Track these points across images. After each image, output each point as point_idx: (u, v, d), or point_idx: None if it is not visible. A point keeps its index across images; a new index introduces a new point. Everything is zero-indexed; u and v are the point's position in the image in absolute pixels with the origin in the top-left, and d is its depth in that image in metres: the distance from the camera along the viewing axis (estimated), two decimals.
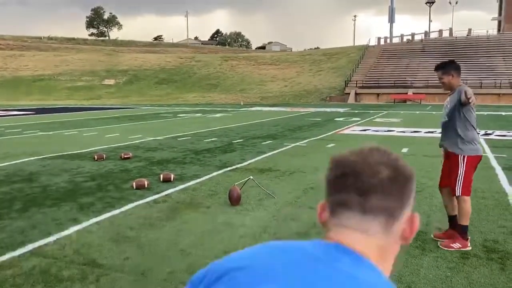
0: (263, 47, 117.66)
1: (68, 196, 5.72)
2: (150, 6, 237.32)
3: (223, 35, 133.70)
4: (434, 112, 23.51)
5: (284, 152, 9.66)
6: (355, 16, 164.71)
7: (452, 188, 3.92)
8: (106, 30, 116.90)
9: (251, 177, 5.95)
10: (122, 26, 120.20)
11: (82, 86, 54.40)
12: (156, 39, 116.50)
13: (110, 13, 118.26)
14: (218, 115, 22.85)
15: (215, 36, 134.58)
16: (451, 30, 59.14)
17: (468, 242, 3.84)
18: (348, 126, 16.04)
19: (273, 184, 6.36)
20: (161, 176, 6.67)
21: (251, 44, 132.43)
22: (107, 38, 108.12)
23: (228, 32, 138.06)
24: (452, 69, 3.94)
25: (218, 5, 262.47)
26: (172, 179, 6.59)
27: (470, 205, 3.93)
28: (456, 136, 3.90)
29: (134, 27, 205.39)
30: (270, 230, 4.33)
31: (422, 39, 56.72)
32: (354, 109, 29.25)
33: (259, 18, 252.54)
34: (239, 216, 4.80)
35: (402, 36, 60.06)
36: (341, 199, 0.77)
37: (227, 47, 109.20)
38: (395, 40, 61.26)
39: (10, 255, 3.72)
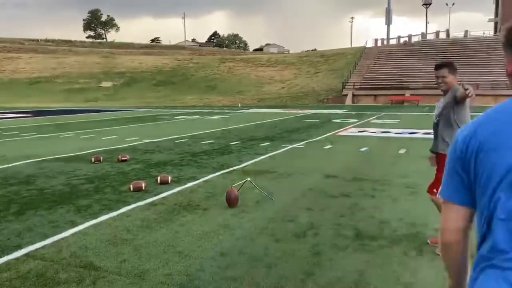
0: (260, 49, 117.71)
1: (65, 199, 5.70)
2: (148, 8, 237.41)
3: (221, 37, 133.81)
4: (431, 114, 23.45)
5: (281, 154, 9.67)
6: (352, 18, 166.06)
7: (436, 188, 3.75)
8: (103, 32, 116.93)
9: (249, 179, 5.94)
10: (119, 28, 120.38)
11: (79, 89, 54.35)
12: (153, 41, 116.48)
13: (108, 15, 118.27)
14: (215, 117, 22.84)
15: (213, 38, 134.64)
16: (448, 31, 59.38)
17: None
18: (345, 128, 16.06)
19: (270, 186, 6.35)
20: (158, 178, 6.66)
21: (248, 46, 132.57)
22: (104, 40, 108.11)
23: (225, 34, 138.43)
24: (455, 69, 3.85)
25: (215, 7, 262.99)
26: (169, 181, 6.58)
27: None
28: (447, 136, 3.73)
29: (131, 29, 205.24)
30: (268, 232, 4.33)
31: (419, 41, 56.89)
32: (352, 110, 29.29)
33: (256, 20, 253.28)
34: (237, 218, 4.80)
35: (399, 37, 60.27)
36: None
37: (225, 49, 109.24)
38: (392, 41, 61.41)
39: (6, 258, 3.71)
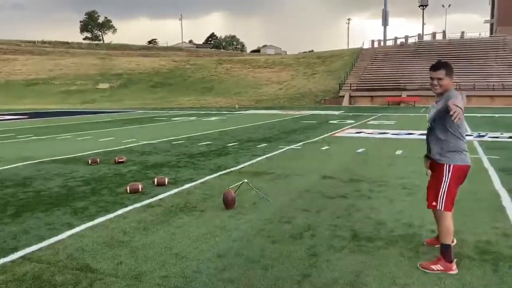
0: (257, 50, 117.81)
1: (61, 201, 5.69)
2: (144, 10, 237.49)
3: (218, 38, 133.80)
4: (427, 115, 23.58)
5: (278, 155, 9.67)
6: (349, 19, 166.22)
7: (434, 200, 3.52)
8: (100, 34, 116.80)
9: (246, 180, 5.95)
10: (116, 30, 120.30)
11: (76, 90, 54.25)
12: (150, 42, 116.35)
13: (105, 17, 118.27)
14: (212, 119, 22.84)
15: (210, 39, 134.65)
16: (444, 32, 59.62)
17: (453, 264, 3.40)
18: (342, 129, 16.09)
19: (267, 187, 6.36)
20: (155, 180, 6.66)
21: (245, 48, 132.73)
22: (101, 42, 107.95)
23: (222, 35, 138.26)
24: (451, 70, 3.52)
25: (212, 8, 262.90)
26: (166, 183, 6.58)
27: (451, 222, 3.49)
28: (441, 144, 3.52)
29: (128, 31, 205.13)
30: (264, 233, 4.33)
31: (415, 42, 57.05)
32: (349, 111, 29.35)
33: (253, 22, 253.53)
34: (234, 220, 4.80)
35: (396, 39, 60.41)
36: None
37: (222, 50, 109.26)
38: (389, 43, 61.59)
39: (2, 260, 3.69)
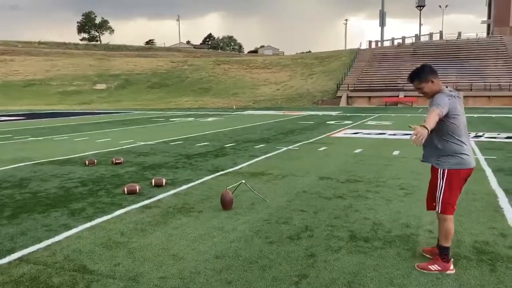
0: (255, 51, 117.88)
1: (59, 202, 5.68)
2: (142, 11, 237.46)
3: (215, 39, 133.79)
4: (425, 115, 23.62)
5: (276, 156, 9.67)
6: (346, 20, 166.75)
7: (434, 201, 3.52)
8: (97, 34, 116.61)
9: (243, 181, 5.94)
10: (113, 30, 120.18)
11: (73, 91, 54.15)
12: (148, 43, 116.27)
13: (102, 17, 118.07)
14: (210, 119, 22.83)
15: (207, 40, 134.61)
16: (441, 33, 59.75)
17: (450, 264, 3.41)
18: (340, 129, 16.11)
19: (265, 188, 6.36)
20: (152, 181, 6.64)
21: (243, 48, 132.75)
22: (98, 42, 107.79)
23: (220, 36, 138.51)
24: (428, 74, 3.40)
25: (210, 9, 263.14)
26: (164, 184, 6.57)
27: (452, 225, 3.44)
28: (435, 148, 3.46)
29: (125, 32, 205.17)
30: (262, 234, 4.33)
31: (412, 43, 57.20)
32: (346, 112, 29.38)
33: (251, 22, 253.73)
34: (231, 221, 4.80)
35: (393, 39, 60.63)
36: None
37: (220, 51, 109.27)
38: (386, 43, 61.80)
39: None
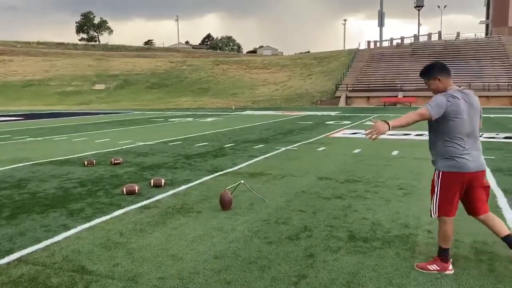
0: (254, 51, 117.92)
1: (57, 202, 5.67)
2: (140, 11, 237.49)
3: (214, 39, 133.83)
4: None
5: (275, 156, 9.68)
6: (345, 20, 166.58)
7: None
8: (96, 35, 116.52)
9: (242, 181, 5.94)
10: (112, 31, 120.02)
11: (72, 91, 54.11)
12: (146, 43, 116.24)
13: (100, 18, 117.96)
14: (209, 119, 22.83)
15: (206, 40, 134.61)
16: (440, 33, 59.83)
17: (449, 264, 3.40)
18: (339, 130, 16.12)
19: (264, 188, 6.36)
20: (151, 181, 6.64)
21: (242, 48, 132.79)
22: (97, 43, 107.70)
23: (219, 36, 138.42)
24: (436, 72, 3.34)
25: (208, 9, 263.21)
26: (162, 184, 6.56)
27: (450, 228, 3.37)
28: (433, 149, 3.44)
29: (124, 32, 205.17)
30: (261, 234, 4.33)
31: (411, 43, 57.25)
32: (345, 112, 29.40)
33: (250, 23, 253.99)
34: (230, 221, 4.80)
35: (391, 39, 60.65)
36: None
37: (218, 51, 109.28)
38: (385, 43, 61.81)
39: None
